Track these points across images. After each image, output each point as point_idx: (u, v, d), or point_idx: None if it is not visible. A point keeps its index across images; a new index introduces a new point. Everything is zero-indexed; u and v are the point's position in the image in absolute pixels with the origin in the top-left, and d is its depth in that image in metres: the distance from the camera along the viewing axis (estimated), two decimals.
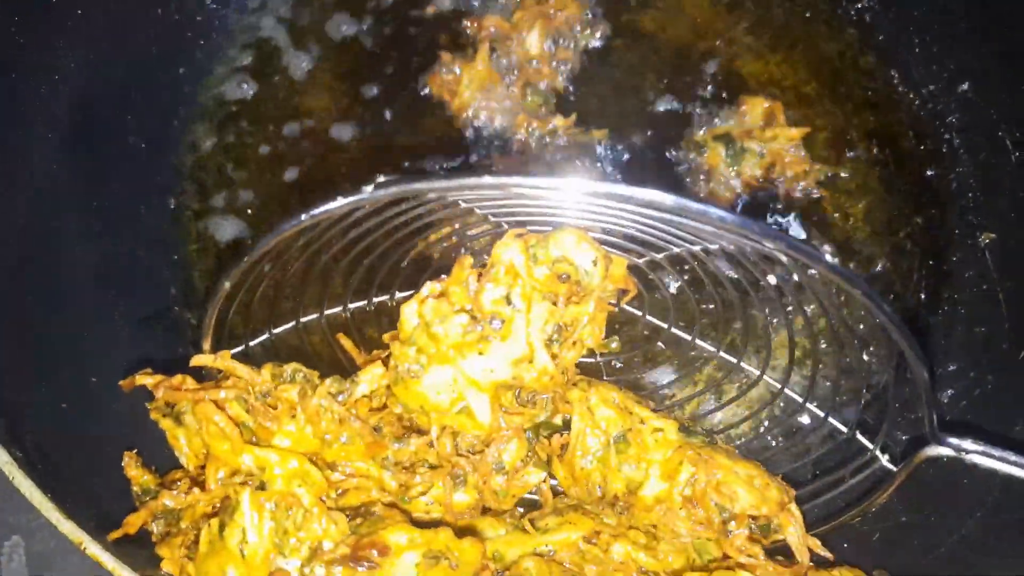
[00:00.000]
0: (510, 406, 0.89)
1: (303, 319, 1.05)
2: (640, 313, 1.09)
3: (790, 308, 1.10)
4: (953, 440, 0.87)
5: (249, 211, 1.23)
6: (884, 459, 0.96)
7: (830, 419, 1.02)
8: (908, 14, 1.28)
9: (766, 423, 1.10)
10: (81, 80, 1.12)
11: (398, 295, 1.05)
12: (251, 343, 1.02)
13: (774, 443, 1.09)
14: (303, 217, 0.73)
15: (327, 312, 1.06)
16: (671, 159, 1.25)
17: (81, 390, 0.98)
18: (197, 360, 0.87)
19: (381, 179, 0.69)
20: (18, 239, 1.02)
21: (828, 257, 0.70)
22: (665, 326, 1.09)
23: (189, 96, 1.28)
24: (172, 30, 1.26)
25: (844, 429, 1.01)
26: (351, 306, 1.06)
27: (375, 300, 1.06)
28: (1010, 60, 1.17)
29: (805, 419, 1.08)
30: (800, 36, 1.32)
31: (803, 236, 1.18)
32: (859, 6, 1.32)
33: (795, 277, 1.06)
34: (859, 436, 1.00)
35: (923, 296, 1.18)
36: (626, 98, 1.28)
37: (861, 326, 1.11)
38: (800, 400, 1.04)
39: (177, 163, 1.25)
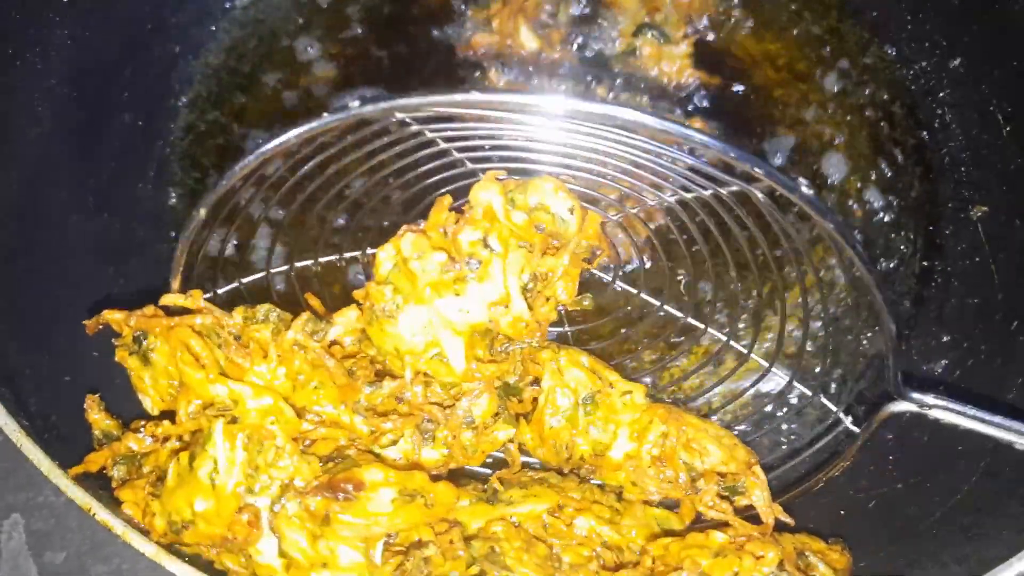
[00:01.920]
0: (483, 355, 0.89)
1: (273, 270, 1.06)
2: (610, 279, 1.09)
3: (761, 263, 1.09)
4: (916, 395, 0.86)
5: None
6: (848, 421, 0.96)
7: (795, 383, 1.02)
8: None
9: (730, 393, 1.09)
10: (75, 55, 1.13)
11: (370, 251, 1.05)
12: (219, 291, 1.03)
13: (736, 413, 1.09)
14: (291, 135, 0.73)
15: (297, 264, 1.07)
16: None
17: (82, 363, 0.98)
18: (166, 299, 0.87)
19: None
20: (14, 215, 1.03)
21: (804, 189, 0.70)
22: (635, 292, 1.09)
23: (184, 73, 1.29)
24: (166, 6, 1.27)
25: (808, 393, 1.01)
26: (321, 260, 1.07)
27: (346, 255, 1.07)
28: (1001, 35, 1.16)
29: (768, 385, 1.07)
30: (792, 13, 1.32)
31: None
32: None
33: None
34: (823, 399, 1.00)
35: (916, 269, 1.17)
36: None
37: (834, 285, 1.12)
38: (766, 365, 1.04)
39: (173, 140, 1.26)
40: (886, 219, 1.20)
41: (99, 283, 1.11)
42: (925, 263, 1.18)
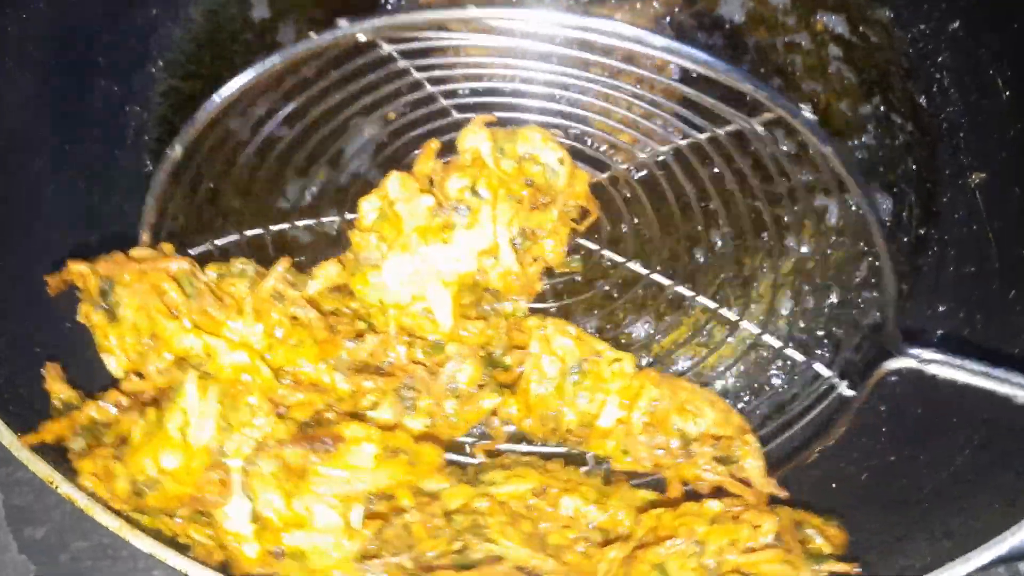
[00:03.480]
0: (469, 312, 0.86)
1: (248, 232, 1.03)
2: (597, 247, 1.07)
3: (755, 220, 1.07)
4: (914, 350, 0.85)
5: None
6: (843, 386, 0.94)
7: (787, 350, 1.00)
8: None
9: (722, 362, 1.08)
10: (52, 20, 1.10)
11: (348, 216, 1.03)
12: (191, 251, 1.00)
13: (727, 383, 1.07)
14: (274, 58, 0.71)
15: (273, 228, 1.05)
16: None
17: (55, 334, 0.96)
18: (136, 252, 0.84)
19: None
20: None
21: (806, 113, 0.68)
22: (622, 260, 1.06)
23: (163, 38, 1.26)
24: None
25: (802, 359, 0.99)
26: (299, 223, 1.04)
27: (323, 220, 1.04)
28: None
29: (760, 353, 1.06)
30: None
31: None
32: None
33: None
34: (817, 365, 0.98)
35: (912, 238, 1.16)
36: None
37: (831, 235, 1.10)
38: (757, 332, 1.02)
39: (153, 107, 1.24)
40: (881, 187, 1.18)
41: (75, 253, 1.04)
42: (921, 231, 1.16)
